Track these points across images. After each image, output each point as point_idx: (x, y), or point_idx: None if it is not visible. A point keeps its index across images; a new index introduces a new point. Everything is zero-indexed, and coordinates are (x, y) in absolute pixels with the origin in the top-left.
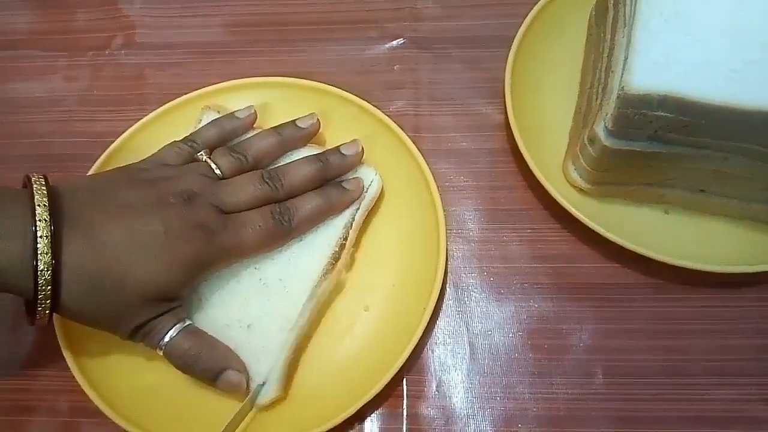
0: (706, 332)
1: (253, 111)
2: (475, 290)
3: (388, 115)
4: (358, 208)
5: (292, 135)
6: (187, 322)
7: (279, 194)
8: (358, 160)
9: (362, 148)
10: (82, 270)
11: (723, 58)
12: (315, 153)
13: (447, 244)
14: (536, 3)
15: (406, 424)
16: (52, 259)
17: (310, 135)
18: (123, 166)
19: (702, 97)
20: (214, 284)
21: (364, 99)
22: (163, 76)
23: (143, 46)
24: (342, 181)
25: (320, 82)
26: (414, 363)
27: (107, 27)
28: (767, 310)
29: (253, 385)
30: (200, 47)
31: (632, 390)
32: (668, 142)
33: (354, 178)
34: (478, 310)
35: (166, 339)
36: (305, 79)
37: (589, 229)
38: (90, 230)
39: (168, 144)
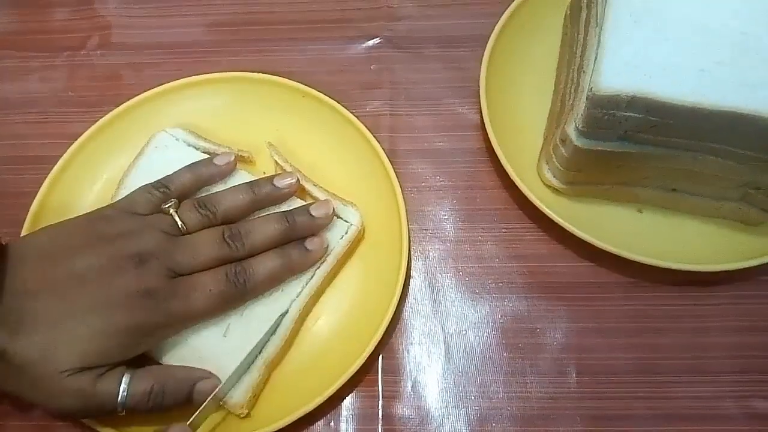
0: (679, 330)
1: (232, 158)
2: (451, 290)
3: (364, 116)
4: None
5: (268, 194)
6: (127, 370)
7: (239, 254)
8: (327, 222)
9: (333, 210)
10: (6, 351)
11: (692, 58)
12: (282, 211)
13: (409, 233)
14: (512, 2)
15: (381, 425)
16: None
17: (287, 196)
18: (87, 215)
19: (670, 97)
20: None
21: (338, 99)
22: (140, 77)
23: (119, 46)
24: (305, 239)
25: (296, 81)
26: (389, 363)
27: (82, 27)
28: (740, 309)
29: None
30: (177, 47)
31: (605, 388)
32: (638, 142)
33: (317, 237)
34: (454, 310)
35: (123, 396)
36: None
37: (563, 228)
38: (25, 305)
39: (140, 188)
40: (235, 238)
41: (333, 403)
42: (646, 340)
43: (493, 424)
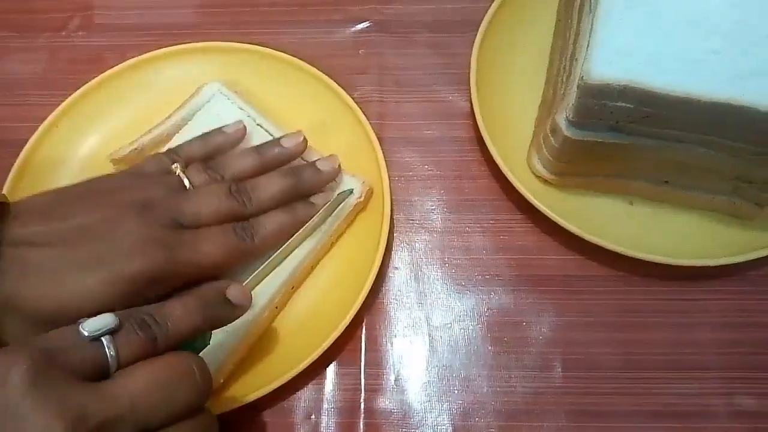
0: (667, 325)
1: (242, 126)
2: (436, 282)
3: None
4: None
5: (275, 157)
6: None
7: (246, 210)
8: (333, 177)
9: (339, 165)
10: (16, 299)
11: (685, 47)
12: (288, 167)
13: (393, 222)
14: None
15: (363, 418)
16: None
17: (295, 156)
18: (93, 177)
19: (663, 87)
20: None
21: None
22: (123, 59)
23: (102, 27)
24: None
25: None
26: (372, 356)
27: (64, 7)
28: (729, 304)
29: None
30: (161, 29)
31: (591, 384)
32: (630, 133)
33: (323, 192)
34: (439, 302)
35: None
36: None
37: (552, 220)
38: (28, 257)
39: (150, 155)
40: (241, 193)
41: (314, 394)
42: (633, 334)
43: (477, 419)
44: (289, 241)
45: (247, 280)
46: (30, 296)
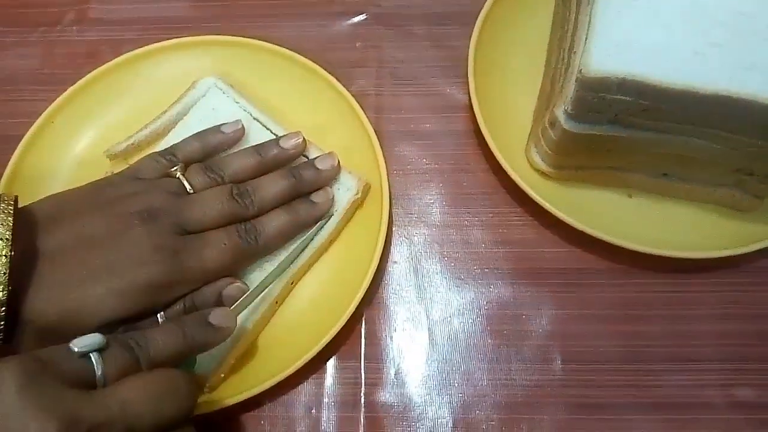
0: (666, 318)
1: (240, 126)
2: (435, 276)
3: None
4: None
5: (275, 158)
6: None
7: (248, 212)
8: (333, 175)
9: (338, 162)
10: (28, 311)
11: (684, 40)
12: (288, 167)
13: (392, 215)
14: None
15: (364, 412)
16: (5, 296)
17: (294, 157)
18: (93, 182)
19: (661, 80)
20: None
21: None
22: (118, 54)
23: (97, 21)
24: (311, 193)
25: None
26: (372, 350)
27: (58, 1)
28: (727, 296)
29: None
30: (157, 23)
31: (590, 376)
32: (629, 126)
33: (323, 190)
34: (438, 296)
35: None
36: None
37: (551, 213)
38: (39, 269)
39: (147, 155)
40: (243, 195)
41: (315, 389)
42: (632, 327)
43: (477, 412)
44: (283, 259)
45: (239, 302)
46: (42, 308)
